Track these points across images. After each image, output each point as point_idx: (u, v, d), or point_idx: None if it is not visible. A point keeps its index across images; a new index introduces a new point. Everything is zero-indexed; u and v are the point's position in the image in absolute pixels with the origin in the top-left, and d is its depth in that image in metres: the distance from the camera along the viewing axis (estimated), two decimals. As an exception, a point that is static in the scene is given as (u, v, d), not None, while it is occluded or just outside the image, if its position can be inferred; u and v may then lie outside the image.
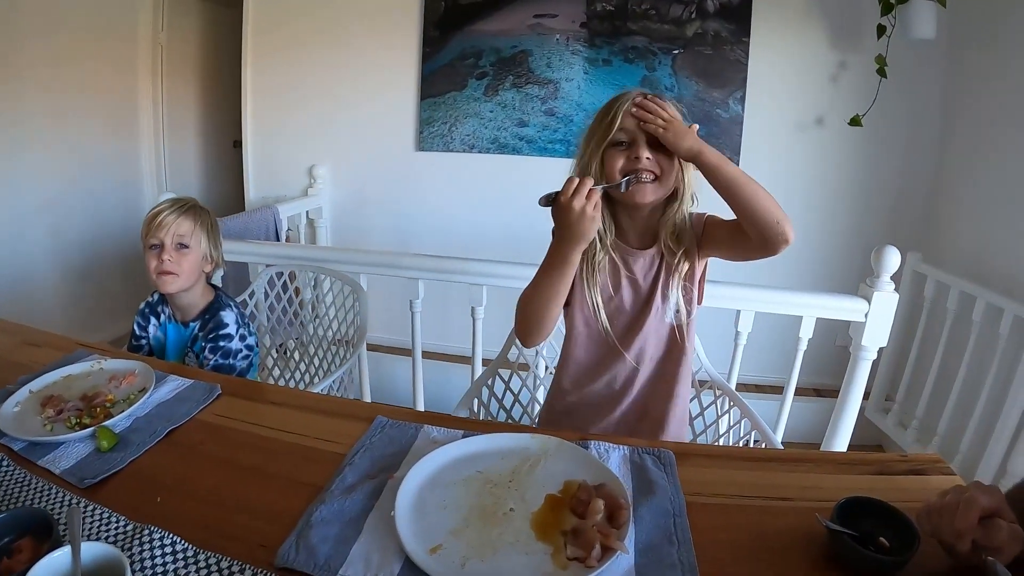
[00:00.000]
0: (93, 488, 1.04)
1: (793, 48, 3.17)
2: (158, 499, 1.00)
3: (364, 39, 3.63)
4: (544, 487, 1.00)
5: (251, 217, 3.25)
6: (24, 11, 3.29)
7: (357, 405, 1.36)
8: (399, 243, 3.76)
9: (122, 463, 1.10)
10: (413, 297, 2.32)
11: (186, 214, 1.72)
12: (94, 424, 1.20)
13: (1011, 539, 0.79)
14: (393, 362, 3.27)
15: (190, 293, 1.76)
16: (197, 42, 4.71)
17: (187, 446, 1.17)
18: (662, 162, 1.27)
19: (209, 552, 0.87)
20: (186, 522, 0.93)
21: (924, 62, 2.99)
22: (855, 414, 2.13)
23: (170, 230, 1.69)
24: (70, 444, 1.16)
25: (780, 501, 1.01)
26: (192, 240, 1.72)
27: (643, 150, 1.26)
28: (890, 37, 2.80)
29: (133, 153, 4.25)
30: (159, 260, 1.68)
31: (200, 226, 1.75)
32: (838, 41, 3.11)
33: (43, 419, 1.24)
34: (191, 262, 1.72)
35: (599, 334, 1.40)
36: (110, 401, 1.31)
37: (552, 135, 3.45)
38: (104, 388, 1.37)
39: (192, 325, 1.78)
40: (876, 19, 2.80)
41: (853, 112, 2.97)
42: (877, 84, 2.92)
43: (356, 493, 0.98)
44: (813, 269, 3.32)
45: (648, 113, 1.25)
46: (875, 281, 2.03)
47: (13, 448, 1.13)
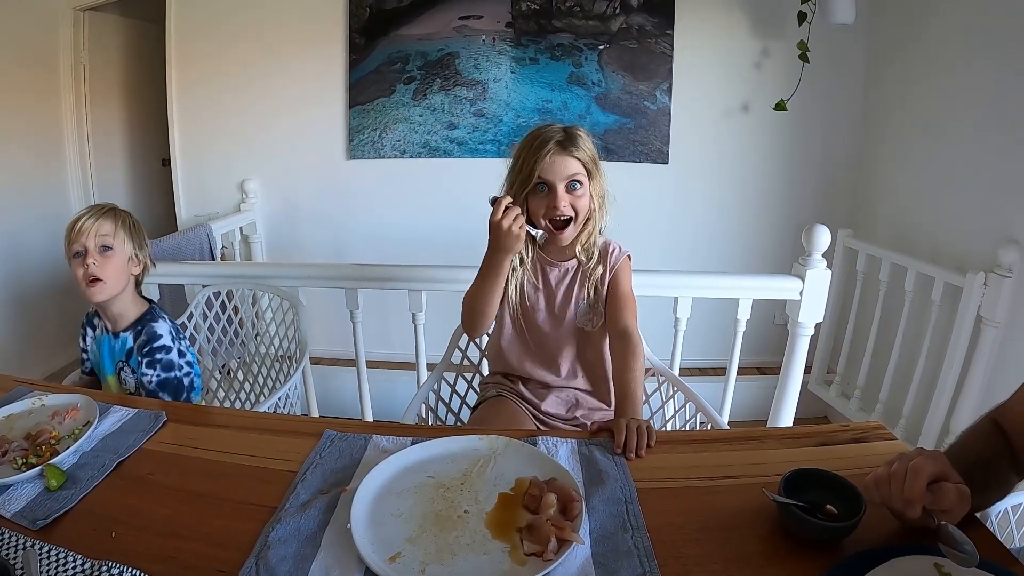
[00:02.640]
0: (46, 528, 1.01)
1: (717, 37, 3.24)
2: (112, 534, 0.98)
3: (290, 49, 3.57)
4: (496, 486, 1.00)
5: (184, 236, 3.15)
6: None
7: (304, 421, 1.36)
8: (336, 253, 3.72)
9: (73, 500, 1.07)
10: (353, 307, 2.29)
11: (105, 215, 1.67)
12: (40, 463, 1.17)
13: (959, 500, 0.83)
14: (337, 374, 3.23)
15: (120, 300, 1.70)
16: (121, 60, 4.58)
17: (136, 478, 1.15)
18: (576, 204, 1.48)
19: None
20: (143, 555, 0.92)
21: (845, 46, 3.09)
22: (797, 389, 2.19)
23: (91, 233, 1.63)
24: (18, 486, 1.13)
25: (728, 480, 1.03)
26: (115, 241, 1.67)
27: (561, 199, 1.46)
28: (811, 23, 2.88)
29: (59, 181, 4.11)
30: (84, 267, 1.62)
31: (121, 226, 1.70)
32: (760, 28, 3.18)
33: None
34: (116, 265, 1.66)
35: (521, 329, 1.62)
36: (55, 438, 1.27)
37: (483, 136, 3.46)
38: (47, 425, 1.33)
39: (124, 336, 1.72)
40: (797, 6, 2.87)
41: (778, 98, 3.04)
42: (800, 69, 2.99)
43: (311, 510, 0.97)
44: (748, 252, 3.41)
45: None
46: (807, 260, 2.10)
47: None
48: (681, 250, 3.38)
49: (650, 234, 3.24)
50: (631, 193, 1.60)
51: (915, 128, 2.77)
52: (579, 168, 1.47)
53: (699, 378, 3.23)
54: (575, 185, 1.47)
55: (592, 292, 1.56)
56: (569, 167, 1.46)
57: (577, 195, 1.47)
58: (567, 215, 1.47)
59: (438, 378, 1.76)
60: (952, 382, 2.29)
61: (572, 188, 1.47)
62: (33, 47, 3.79)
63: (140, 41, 4.65)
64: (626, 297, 1.55)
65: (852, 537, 0.86)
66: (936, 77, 2.62)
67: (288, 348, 2.11)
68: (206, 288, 2.24)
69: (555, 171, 1.45)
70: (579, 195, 1.47)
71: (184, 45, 3.68)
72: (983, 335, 2.19)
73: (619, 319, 1.51)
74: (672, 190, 3.38)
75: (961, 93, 2.47)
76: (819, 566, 0.83)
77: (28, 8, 3.70)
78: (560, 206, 1.45)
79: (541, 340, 1.61)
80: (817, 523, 0.85)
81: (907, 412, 2.50)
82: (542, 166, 1.45)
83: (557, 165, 1.45)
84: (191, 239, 3.15)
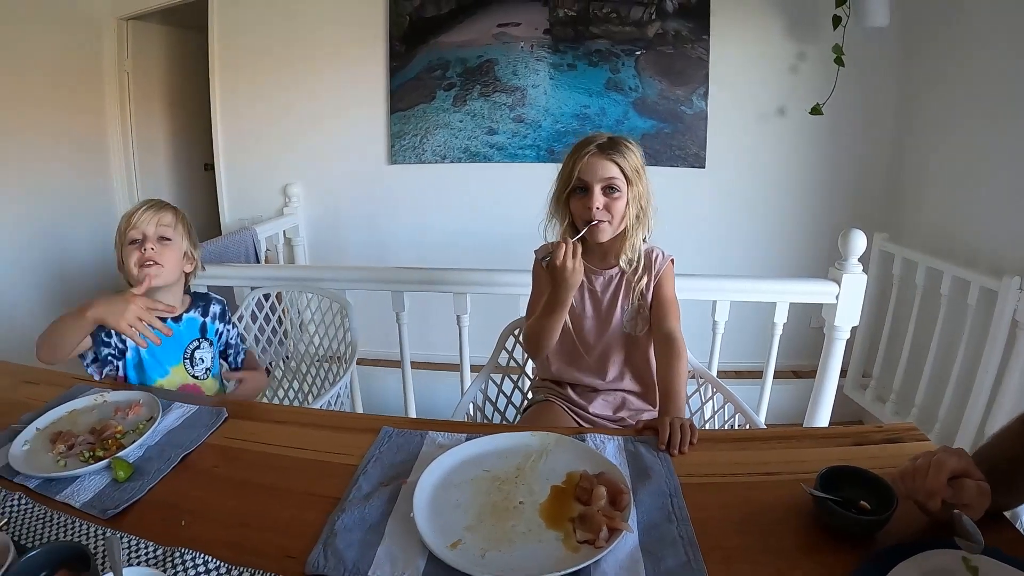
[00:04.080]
0: (116, 518, 1.06)
1: (752, 42, 3.25)
2: (182, 523, 1.03)
3: (331, 56, 3.65)
4: (548, 480, 1.07)
5: (230, 240, 3.24)
6: None
7: (361, 418, 1.43)
8: (377, 256, 3.78)
9: (141, 491, 1.12)
10: (399, 310, 2.35)
11: (165, 208, 1.67)
12: (108, 456, 1.21)
13: (979, 495, 0.87)
14: (379, 374, 3.28)
15: (172, 293, 1.68)
16: (163, 67, 4.68)
17: (201, 470, 1.21)
18: (612, 207, 1.53)
19: (241, 567, 0.91)
20: (212, 542, 0.97)
21: (880, 49, 3.08)
22: (833, 392, 2.21)
23: (151, 222, 1.62)
24: (86, 477, 1.18)
25: (767, 476, 1.08)
26: (174, 233, 1.65)
27: (596, 200, 1.51)
28: (846, 27, 2.89)
29: (105, 186, 4.21)
30: (141, 253, 1.59)
31: (180, 221, 1.69)
32: (796, 32, 3.19)
33: (55, 455, 1.25)
34: (175, 255, 1.65)
35: (570, 337, 1.65)
36: (120, 432, 1.32)
37: (522, 141, 3.51)
38: (112, 420, 1.37)
39: (187, 317, 1.71)
40: (832, 9, 2.88)
41: (814, 101, 3.05)
42: (836, 73, 3.00)
43: (373, 500, 1.03)
44: (784, 255, 3.41)
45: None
46: (843, 264, 2.12)
47: (29, 486, 1.15)
48: (718, 253, 3.40)
49: (687, 237, 3.26)
50: (668, 197, 1.65)
51: (951, 131, 2.76)
52: (617, 173, 1.51)
53: (736, 381, 3.23)
54: (612, 189, 1.52)
55: (637, 299, 1.61)
56: (606, 170, 1.51)
57: (613, 199, 1.52)
58: (601, 218, 1.52)
59: (486, 378, 1.82)
60: (987, 386, 2.29)
61: (609, 191, 1.52)
62: (78, 56, 3.90)
63: (181, 48, 4.75)
64: (670, 302, 1.61)
65: (884, 531, 0.91)
66: (972, 79, 2.62)
67: (337, 348, 2.17)
68: (256, 290, 2.30)
69: (592, 172, 1.51)
70: (615, 199, 1.52)
71: (226, 52, 3.78)
72: (1019, 339, 2.19)
73: (663, 323, 1.57)
74: (709, 194, 3.40)
75: (998, 95, 2.47)
76: (853, 558, 0.87)
77: (72, 18, 3.81)
78: (594, 206, 1.51)
79: (589, 346, 1.65)
80: (851, 516, 0.90)
81: (942, 416, 2.50)
82: (581, 167, 1.52)
83: (595, 167, 1.51)
84: (236, 242, 3.24)
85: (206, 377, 1.72)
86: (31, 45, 3.52)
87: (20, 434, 1.32)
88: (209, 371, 1.72)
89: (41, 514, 1.08)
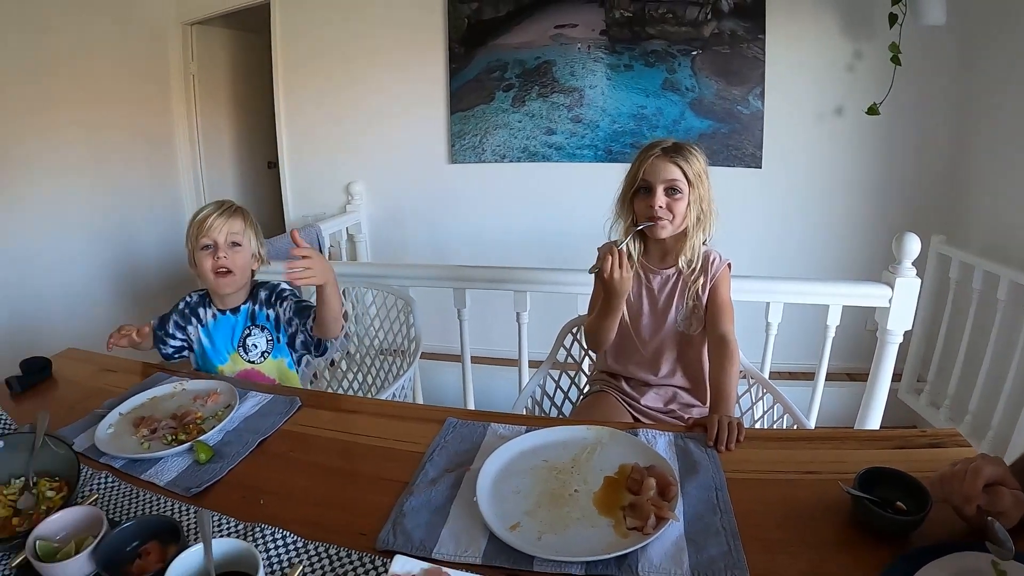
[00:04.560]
0: (198, 496, 1.15)
1: (808, 41, 3.23)
2: (261, 501, 1.12)
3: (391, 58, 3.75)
4: (602, 471, 1.14)
5: (296, 236, 3.35)
6: (58, 57, 3.42)
7: (426, 409, 1.51)
8: (435, 254, 3.87)
9: (222, 472, 1.22)
10: (460, 306, 2.42)
11: (235, 214, 1.78)
12: (189, 440, 1.31)
13: (1014, 504, 0.90)
14: (437, 368, 3.36)
15: (241, 289, 1.83)
16: (227, 69, 4.84)
17: (277, 454, 1.31)
18: (673, 207, 1.60)
19: (317, 542, 1.00)
20: (290, 520, 1.05)
21: (937, 47, 3.04)
22: (884, 396, 2.21)
23: (223, 230, 1.73)
24: (168, 459, 1.28)
25: (809, 475, 1.13)
26: (244, 238, 1.78)
27: (658, 199, 1.59)
28: (902, 24, 2.85)
29: (172, 184, 4.38)
30: (215, 259, 1.72)
31: (249, 225, 1.81)
32: (852, 31, 3.16)
33: (139, 438, 1.35)
34: (244, 259, 1.77)
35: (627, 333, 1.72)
36: (200, 418, 1.42)
37: (580, 141, 3.56)
38: (191, 407, 1.48)
39: (243, 308, 1.84)
40: (888, 7, 2.85)
41: (871, 101, 3.02)
42: (892, 72, 2.97)
43: (439, 485, 1.12)
44: (839, 257, 3.39)
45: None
46: (897, 267, 2.12)
47: (115, 466, 1.26)
48: (772, 254, 3.39)
49: (742, 238, 3.26)
50: (724, 197, 1.69)
51: (1011, 131, 2.71)
52: (679, 175, 1.58)
53: (789, 382, 3.24)
54: (674, 191, 1.59)
55: (692, 299, 1.67)
56: (669, 172, 1.58)
57: (675, 199, 1.59)
58: (662, 216, 1.59)
59: (544, 374, 1.90)
60: (1043, 395, 2.25)
61: (671, 192, 1.59)
62: (145, 60, 4.07)
63: (244, 51, 4.91)
64: (724, 305, 1.66)
65: (918, 532, 0.94)
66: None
67: (400, 343, 2.25)
68: None
69: (656, 173, 1.59)
70: (677, 200, 1.59)
71: (289, 54, 3.91)
72: (1076, 347, 2.16)
73: (717, 326, 1.63)
74: (765, 194, 3.40)
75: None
76: (886, 555, 0.91)
77: (140, 24, 3.99)
78: (656, 205, 1.58)
79: (644, 342, 1.72)
80: (886, 515, 0.94)
81: (996, 423, 2.47)
82: (645, 168, 1.60)
83: (658, 168, 1.59)
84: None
85: (262, 361, 1.83)
86: (103, 51, 3.70)
87: (104, 418, 1.42)
88: (267, 354, 1.83)
89: (127, 491, 1.18)
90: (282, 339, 1.84)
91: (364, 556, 0.97)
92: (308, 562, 0.97)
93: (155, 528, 1.00)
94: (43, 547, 0.98)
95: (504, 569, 0.94)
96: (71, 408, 1.51)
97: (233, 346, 1.84)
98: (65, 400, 1.59)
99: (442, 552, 0.97)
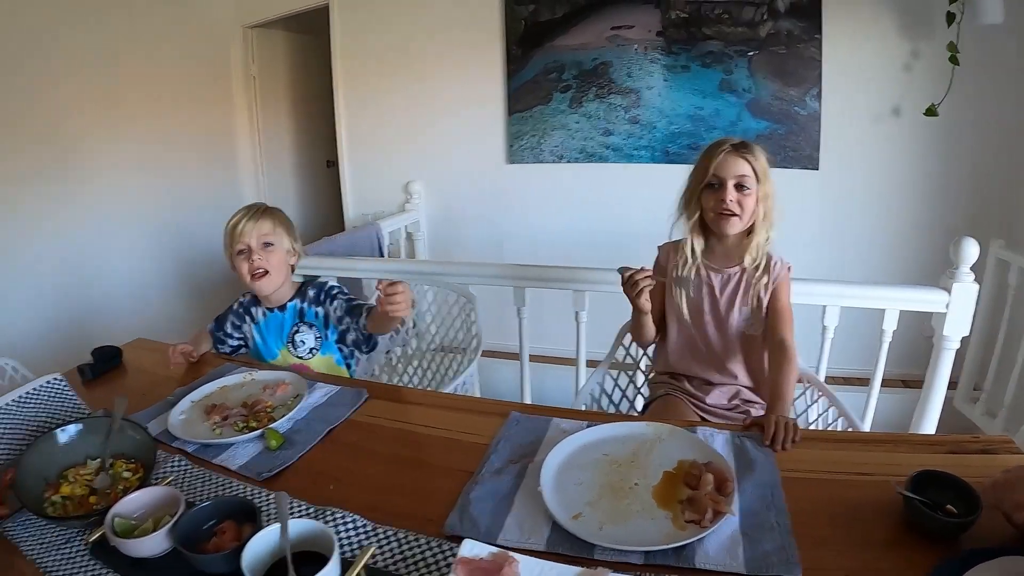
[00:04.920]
0: (269, 480, 1.22)
1: (865, 40, 3.19)
2: (331, 487, 1.19)
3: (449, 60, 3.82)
4: (661, 466, 1.19)
5: (357, 234, 3.49)
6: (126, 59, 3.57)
7: (490, 403, 1.55)
8: (492, 253, 3.93)
9: (292, 459, 1.29)
10: (520, 304, 2.47)
11: (263, 216, 1.85)
12: (261, 427, 1.38)
13: None
14: (490, 365, 3.36)
15: (282, 287, 1.91)
16: (286, 70, 4.99)
17: (346, 443, 1.37)
18: (743, 202, 1.62)
19: (386, 526, 1.05)
20: (359, 504, 1.11)
21: (996, 47, 2.97)
22: (940, 403, 2.19)
23: (253, 233, 1.81)
24: (239, 445, 1.35)
25: (862, 476, 1.16)
26: (275, 237, 1.85)
27: (729, 193, 1.62)
28: (960, 24, 2.81)
29: (233, 181, 4.54)
30: (250, 262, 1.81)
31: (278, 224, 1.88)
32: (909, 30, 3.11)
33: (210, 425, 1.43)
34: (278, 257, 1.85)
35: (689, 335, 1.76)
36: (269, 407, 1.49)
37: (637, 142, 3.59)
38: (261, 396, 1.55)
39: (290, 305, 1.92)
40: (945, 6, 2.81)
41: (929, 101, 2.97)
42: (951, 72, 2.92)
43: (504, 475, 1.19)
44: (897, 260, 3.34)
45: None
46: (954, 272, 2.10)
47: (187, 450, 1.34)
48: (828, 256, 3.36)
49: (798, 240, 3.20)
50: (781, 199, 1.70)
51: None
52: (749, 171, 1.62)
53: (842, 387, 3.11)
54: (743, 186, 1.62)
55: (755, 298, 1.69)
56: (740, 167, 1.62)
57: (744, 194, 1.62)
58: (734, 210, 1.62)
59: (603, 372, 1.95)
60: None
61: (740, 188, 1.62)
62: (208, 62, 4.23)
63: (303, 53, 5.04)
64: (784, 311, 1.69)
65: (968, 536, 0.96)
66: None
67: (461, 340, 2.31)
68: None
69: (726, 168, 1.62)
70: (746, 195, 1.62)
71: (348, 55, 4.01)
72: None
73: (777, 331, 1.66)
74: (821, 196, 3.37)
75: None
76: (934, 556, 0.93)
77: (202, 27, 4.14)
78: (727, 199, 1.62)
79: (708, 343, 1.75)
80: (937, 517, 0.97)
81: (1054, 434, 2.39)
82: (715, 163, 1.63)
83: (729, 163, 1.62)
84: (363, 237, 3.47)
85: (311, 357, 1.91)
86: (168, 54, 3.85)
87: (176, 405, 1.50)
88: (315, 351, 1.91)
89: (200, 474, 1.25)
90: (330, 336, 1.92)
91: (432, 540, 1.02)
92: (378, 544, 1.02)
93: (230, 508, 1.06)
94: (121, 524, 1.04)
95: (567, 556, 0.98)
96: (142, 395, 1.59)
97: (283, 342, 1.92)
98: (135, 388, 1.67)
99: (507, 538, 1.02)
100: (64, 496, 1.18)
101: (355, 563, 0.95)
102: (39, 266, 3.21)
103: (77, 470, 1.25)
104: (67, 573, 1.01)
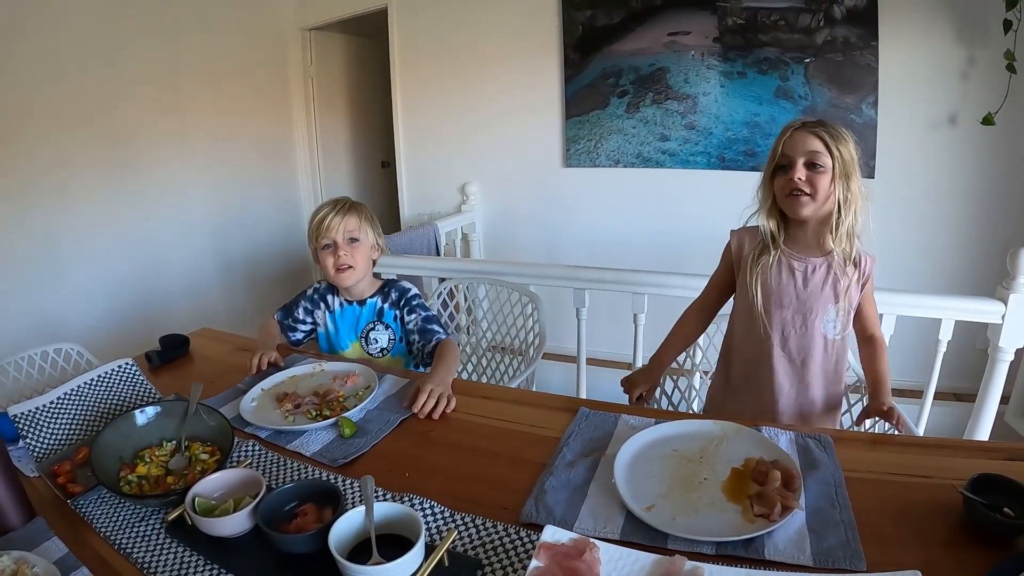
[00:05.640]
0: (344, 467, 1.26)
1: (921, 47, 3.17)
2: (406, 474, 1.24)
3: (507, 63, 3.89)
4: (729, 462, 1.25)
5: (414, 234, 3.58)
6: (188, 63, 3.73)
7: (559, 399, 1.60)
8: (547, 255, 3.98)
9: (366, 447, 1.34)
10: (579, 305, 2.52)
11: (350, 211, 1.87)
12: (334, 415, 1.43)
13: None
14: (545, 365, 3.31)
15: (363, 281, 1.93)
16: (343, 72, 5.11)
17: (419, 433, 1.43)
18: (815, 181, 1.48)
19: (464, 513, 1.09)
20: (435, 492, 1.15)
21: (1053, 55, 2.91)
22: (992, 416, 2.19)
23: (340, 228, 1.84)
24: (312, 432, 1.40)
25: (922, 478, 1.20)
26: (360, 233, 1.87)
27: (798, 171, 1.48)
28: (1016, 31, 2.78)
29: (291, 179, 4.68)
30: (336, 257, 1.83)
31: (364, 219, 1.90)
32: (966, 37, 3.08)
33: (283, 412, 1.48)
34: (363, 253, 1.88)
35: (759, 329, 1.63)
36: (341, 396, 1.55)
37: (693, 148, 3.62)
38: (332, 386, 1.61)
39: (370, 302, 1.94)
40: (1002, 13, 2.79)
41: (986, 109, 2.95)
42: (1008, 80, 2.90)
43: (577, 467, 1.25)
44: (953, 270, 3.32)
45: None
46: (1011, 283, 2.10)
47: (260, 436, 1.40)
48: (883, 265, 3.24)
49: None
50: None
51: None
52: (820, 147, 1.46)
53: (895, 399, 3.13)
54: (815, 164, 1.47)
55: (843, 296, 1.57)
56: (809, 143, 1.47)
57: (817, 173, 1.47)
58: (803, 189, 1.47)
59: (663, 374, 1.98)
60: None
61: (812, 166, 1.47)
62: (267, 63, 4.37)
63: (360, 55, 5.16)
64: (873, 305, 1.66)
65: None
66: None
67: (524, 339, 2.35)
68: (446, 281, 2.53)
69: (795, 146, 1.49)
70: (819, 173, 1.46)
71: (406, 58, 4.10)
72: None
73: (868, 327, 1.66)
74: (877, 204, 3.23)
75: None
76: (992, 556, 0.96)
77: (262, 30, 4.29)
78: (795, 177, 1.47)
79: (781, 341, 1.62)
80: (996, 518, 1.01)
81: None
82: (784, 141, 1.51)
83: (797, 141, 1.48)
84: (420, 236, 3.57)
85: (381, 356, 1.96)
86: (227, 56, 4.01)
87: (247, 393, 1.55)
88: (386, 351, 1.96)
89: (275, 459, 1.30)
90: (404, 339, 1.97)
91: (510, 527, 1.07)
92: (457, 530, 1.06)
93: (313, 491, 1.10)
94: (201, 503, 1.08)
95: (641, 545, 1.02)
96: (211, 383, 1.66)
97: (356, 336, 1.97)
98: (202, 375, 1.75)
99: (582, 527, 1.06)
100: (140, 475, 1.23)
101: (439, 547, 0.98)
102: (105, 258, 3.39)
103: (153, 451, 1.30)
104: (143, 550, 1.05)
